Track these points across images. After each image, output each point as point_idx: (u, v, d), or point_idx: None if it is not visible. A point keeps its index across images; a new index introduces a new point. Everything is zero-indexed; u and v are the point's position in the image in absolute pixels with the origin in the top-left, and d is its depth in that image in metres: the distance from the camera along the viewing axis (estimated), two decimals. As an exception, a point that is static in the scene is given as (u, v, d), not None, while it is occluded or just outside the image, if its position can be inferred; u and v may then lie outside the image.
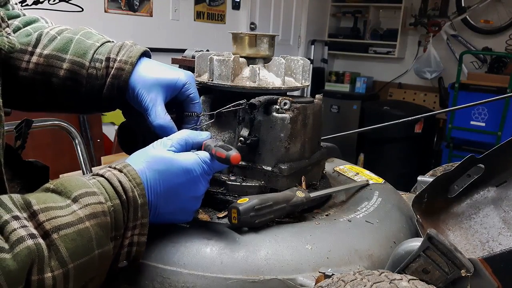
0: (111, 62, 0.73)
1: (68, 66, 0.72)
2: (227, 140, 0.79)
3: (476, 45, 4.87)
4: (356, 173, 0.94)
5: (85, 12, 3.10)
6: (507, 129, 3.81)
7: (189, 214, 0.65)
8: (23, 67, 0.73)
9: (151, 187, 0.59)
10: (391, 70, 5.51)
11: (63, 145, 2.62)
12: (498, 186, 0.79)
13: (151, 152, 0.62)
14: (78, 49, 0.73)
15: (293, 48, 5.27)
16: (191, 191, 0.63)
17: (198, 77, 0.82)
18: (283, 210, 0.68)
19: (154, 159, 0.61)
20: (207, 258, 0.61)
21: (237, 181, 0.75)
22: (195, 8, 3.94)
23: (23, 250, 0.44)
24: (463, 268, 0.54)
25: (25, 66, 0.73)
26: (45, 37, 0.74)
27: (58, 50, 0.73)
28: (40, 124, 1.66)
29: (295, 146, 0.75)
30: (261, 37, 0.81)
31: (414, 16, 5.09)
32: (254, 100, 0.72)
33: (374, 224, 0.72)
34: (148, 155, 0.61)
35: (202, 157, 0.63)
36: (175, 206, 0.63)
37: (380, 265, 0.65)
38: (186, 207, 0.64)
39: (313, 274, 0.60)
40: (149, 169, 0.60)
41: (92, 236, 0.50)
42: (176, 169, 0.61)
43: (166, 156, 0.61)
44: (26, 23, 0.77)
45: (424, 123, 4.31)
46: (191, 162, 0.62)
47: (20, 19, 0.77)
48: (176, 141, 0.64)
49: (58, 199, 0.51)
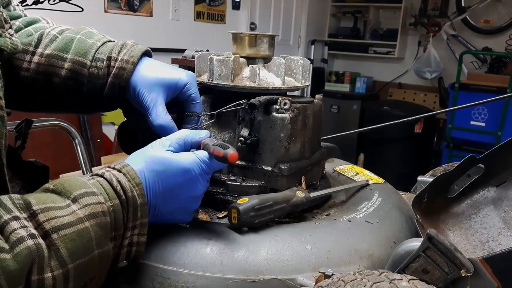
0: (112, 61, 0.73)
1: (70, 66, 0.72)
2: (227, 140, 0.79)
3: (476, 45, 4.87)
4: (356, 173, 0.94)
5: (85, 12, 3.10)
6: (507, 129, 3.81)
7: (188, 214, 0.65)
8: (25, 67, 0.73)
9: (150, 187, 0.59)
10: (391, 70, 5.51)
11: (63, 145, 2.62)
12: (498, 186, 0.79)
13: (149, 152, 0.62)
14: (80, 49, 0.73)
15: (293, 48, 5.27)
16: (190, 191, 0.63)
17: (198, 77, 0.82)
18: (283, 210, 0.68)
19: (152, 159, 0.61)
20: (207, 258, 0.61)
21: (237, 181, 0.75)
22: (195, 8, 3.94)
23: (23, 250, 0.44)
24: (463, 268, 0.54)
25: (27, 66, 0.73)
26: (46, 37, 0.74)
27: (60, 49, 0.73)
28: (40, 124, 1.66)
29: (295, 146, 0.75)
30: (261, 37, 0.81)
31: (414, 16, 5.09)
32: (254, 100, 0.72)
33: (374, 224, 0.72)
34: (147, 155, 0.61)
35: (200, 157, 0.63)
36: (175, 205, 0.63)
37: (380, 265, 0.65)
38: (185, 207, 0.64)
39: (313, 274, 0.60)
40: (148, 169, 0.60)
41: (92, 236, 0.50)
42: (174, 169, 0.61)
43: (164, 156, 0.61)
44: (27, 24, 0.77)
45: (424, 123, 4.31)
46: (190, 162, 0.62)
47: (22, 19, 0.77)
48: (175, 141, 0.64)
49: (58, 199, 0.51)
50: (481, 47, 4.83)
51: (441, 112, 1.55)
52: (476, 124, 4.00)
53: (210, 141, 0.65)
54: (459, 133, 4.11)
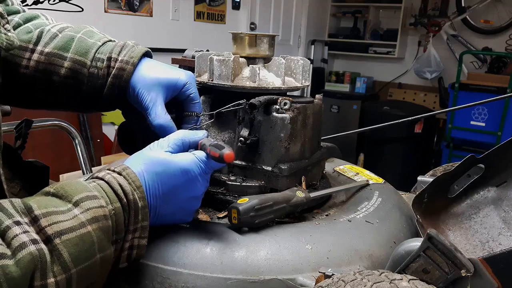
0: (112, 61, 0.73)
1: (69, 65, 0.72)
2: (227, 140, 0.79)
3: (476, 45, 4.87)
4: (356, 173, 0.94)
5: (85, 12, 3.10)
6: (507, 129, 3.81)
7: (189, 215, 0.65)
8: (24, 65, 0.72)
9: (150, 190, 0.59)
10: (391, 70, 5.51)
11: (63, 145, 2.63)
12: (498, 186, 0.79)
13: (148, 154, 0.62)
14: (80, 48, 0.73)
15: (293, 48, 5.27)
16: (190, 192, 0.63)
17: (198, 77, 0.82)
18: (283, 210, 0.68)
19: (151, 161, 0.60)
20: (207, 258, 0.61)
21: (237, 181, 0.75)
22: (195, 8, 3.94)
23: (25, 256, 0.44)
24: (463, 268, 0.54)
25: (26, 63, 0.72)
26: (46, 34, 0.74)
27: (60, 48, 0.73)
28: (40, 124, 1.66)
29: (295, 146, 0.75)
30: (261, 37, 0.81)
31: (414, 16, 5.09)
32: (254, 100, 0.72)
33: (374, 224, 0.72)
34: (146, 157, 0.61)
35: (199, 157, 0.63)
36: (175, 207, 0.62)
37: (380, 265, 0.65)
38: (185, 208, 0.64)
39: (313, 274, 0.60)
40: (147, 172, 0.60)
41: (94, 240, 0.50)
42: (173, 170, 0.61)
43: (163, 157, 0.61)
44: (27, 20, 0.76)
45: (424, 123, 4.31)
46: (189, 163, 0.62)
47: (21, 15, 0.77)
48: (173, 142, 0.64)
49: (59, 203, 0.51)
50: (481, 47, 4.83)
51: (441, 112, 1.55)
52: (476, 124, 4.00)
53: (207, 141, 0.65)
54: (459, 133, 4.11)
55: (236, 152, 0.78)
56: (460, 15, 4.81)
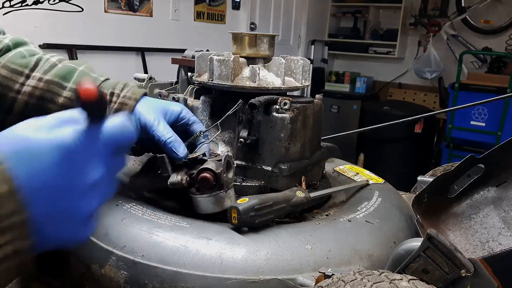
0: (114, 97, 0.75)
1: (69, 95, 0.73)
2: (227, 140, 0.79)
3: (476, 45, 4.87)
4: (356, 173, 0.94)
5: (85, 12, 3.09)
6: (507, 129, 3.81)
7: (79, 223, 0.43)
8: (16, 89, 0.73)
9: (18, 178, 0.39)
10: (391, 70, 5.51)
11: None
12: (498, 186, 0.79)
13: (16, 133, 0.41)
14: (82, 80, 0.74)
15: (293, 48, 5.27)
16: (71, 178, 0.41)
17: (198, 77, 0.82)
18: (283, 210, 0.68)
19: (15, 141, 0.40)
20: (207, 258, 0.61)
21: (237, 181, 0.75)
22: (195, 8, 3.94)
23: None
24: (463, 268, 0.54)
25: (18, 87, 0.73)
26: (45, 63, 0.75)
27: (60, 77, 0.74)
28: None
29: (295, 146, 0.75)
30: (261, 37, 0.81)
31: (414, 16, 5.09)
32: (254, 100, 0.72)
33: (374, 224, 0.72)
34: (12, 136, 0.41)
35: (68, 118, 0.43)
36: (55, 207, 0.41)
37: (380, 265, 0.65)
38: (70, 208, 0.42)
39: (313, 274, 0.60)
40: (12, 153, 0.39)
41: None
42: (42, 149, 0.40)
43: (25, 135, 0.41)
44: (17, 44, 0.77)
45: (424, 123, 4.31)
46: (57, 135, 0.41)
47: (11, 38, 0.77)
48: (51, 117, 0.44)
49: None
50: (481, 47, 4.83)
51: (441, 112, 1.56)
52: (476, 124, 4.00)
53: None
54: (459, 133, 4.11)
55: (236, 152, 0.78)
56: (460, 15, 4.82)
